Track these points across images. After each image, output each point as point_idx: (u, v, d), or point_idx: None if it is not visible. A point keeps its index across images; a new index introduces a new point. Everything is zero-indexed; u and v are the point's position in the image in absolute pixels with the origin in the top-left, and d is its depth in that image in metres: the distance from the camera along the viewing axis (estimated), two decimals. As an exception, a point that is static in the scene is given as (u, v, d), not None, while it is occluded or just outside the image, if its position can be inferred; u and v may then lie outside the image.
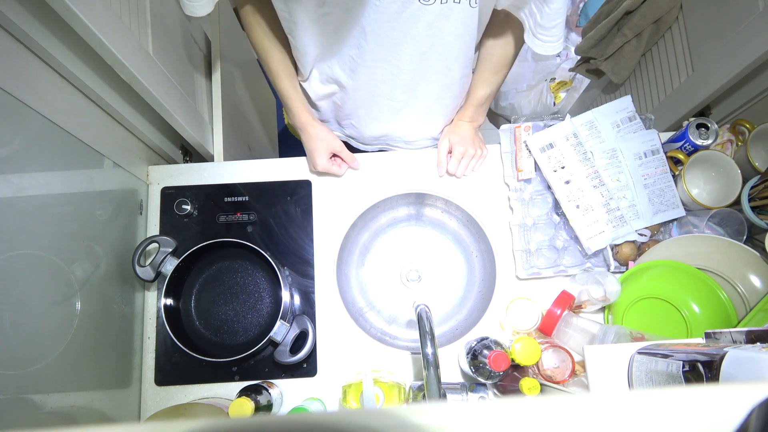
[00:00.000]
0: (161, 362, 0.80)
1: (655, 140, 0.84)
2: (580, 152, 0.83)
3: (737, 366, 0.41)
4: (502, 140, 0.89)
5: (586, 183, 0.82)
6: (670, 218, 0.83)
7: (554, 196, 0.84)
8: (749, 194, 0.76)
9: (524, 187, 0.87)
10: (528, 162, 0.86)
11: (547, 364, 0.73)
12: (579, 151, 0.83)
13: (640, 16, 1.05)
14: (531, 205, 0.86)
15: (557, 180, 0.83)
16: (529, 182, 0.87)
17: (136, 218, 0.84)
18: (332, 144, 0.85)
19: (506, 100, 1.70)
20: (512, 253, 0.85)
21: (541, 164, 0.84)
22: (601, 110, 0.86)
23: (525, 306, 0.78)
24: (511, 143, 0.88)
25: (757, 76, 0.87)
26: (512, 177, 0.87)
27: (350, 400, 0.69)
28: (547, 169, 0.83)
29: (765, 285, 0.72)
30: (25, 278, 0.57)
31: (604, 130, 0.85)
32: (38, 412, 0.57)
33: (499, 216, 0.88)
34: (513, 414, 0.24)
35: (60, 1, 0.54)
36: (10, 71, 0.55)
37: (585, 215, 0.81)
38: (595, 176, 0.82)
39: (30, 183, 0.58)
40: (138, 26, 0.75)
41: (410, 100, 0.78)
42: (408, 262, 0.93)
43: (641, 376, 0.55)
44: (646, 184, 0.83)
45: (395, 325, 0.90)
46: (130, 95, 0.78)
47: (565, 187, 0.82)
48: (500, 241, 0.87)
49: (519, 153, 0.87)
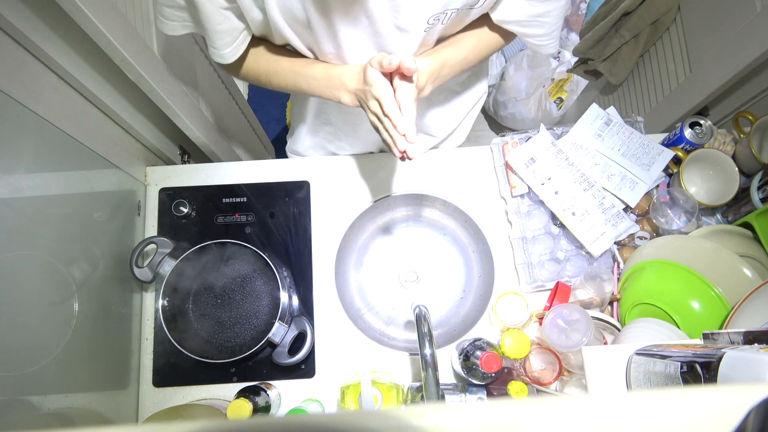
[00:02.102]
0: (159, 363, 0.80)
1: (605, 115, 0.87)
2: (562, 159, 0.83)
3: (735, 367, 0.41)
4: (494, 155, 0.89)
5: (576, 188, 0.82)
6: (665, 162, 0.84)
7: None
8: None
9: (520, 201, 0.87)
10: (518, 178, 0.86)
11: (534, 366, 0.74)
12: (561, 158, 0.83)
13: (638, 17, 1.06)
14: (528, 218, 0.86)
15: (547, 192, 0.83)
16: (523, 197, 0.87)
17: (134, 219, 0.84)
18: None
19: (506, 109, 1.70)
20: (515, 267, 0.85)
21: (528, 180, 0.84)
22: (578, 128, 0.86)
23: (514, 301, 0.78)
24: (501, 158, 0.88)
25: (754, 77, 0.87)
26: (507, 191, 0.87)
27: (348, 401, 0.69)
28: (534, 183, 0.83)
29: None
30: (22, 279, 0.57)
31: (590, 145, 0.85)
32: (36, 414, 0.57)
33: (497, 216, 0.88)
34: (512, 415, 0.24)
35: (70, 1, 0.54)
36: (7, 72, 0.55)
37: (583, 221, 0.81)
38: (582, 179, 0.82)
39: (27, 184, 0.58)
40: (143, 26, 0.75)
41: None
42: (406, 263, 0.93)
43: (639, 377, 0.55)
44: (623, 153, 0.85)
45: (393, 326, 0.90)
46: (130, 95, 0.78)
47: (557, 198, 0.82)
48: (498, 241, 0.87)
49: (508, 170, 0.87)
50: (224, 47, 0.63)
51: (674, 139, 0.87)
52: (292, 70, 0.68)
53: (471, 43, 0.68)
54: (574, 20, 1.72)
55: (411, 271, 0.92)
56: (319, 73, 0.66)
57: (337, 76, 0.64)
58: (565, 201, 0.82)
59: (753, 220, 0.75)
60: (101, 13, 0.60)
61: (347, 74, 0.64)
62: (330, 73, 0.65)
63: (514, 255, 0.85)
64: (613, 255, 0.84)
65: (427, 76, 0.64)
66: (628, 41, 1.12)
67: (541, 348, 0.73)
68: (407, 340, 0.88)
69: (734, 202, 0.82)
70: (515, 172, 0.85)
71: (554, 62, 1.64)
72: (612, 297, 0.79)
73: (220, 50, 0.63)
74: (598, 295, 0.78)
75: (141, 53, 0.70)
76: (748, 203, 0.79)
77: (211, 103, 1.02)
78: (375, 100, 0.60)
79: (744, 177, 0.83)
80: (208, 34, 0.61)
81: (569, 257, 0.83)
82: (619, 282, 0.80)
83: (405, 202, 0.93)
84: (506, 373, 0.74)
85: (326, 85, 0.66)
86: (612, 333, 0.76)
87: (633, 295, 0.76)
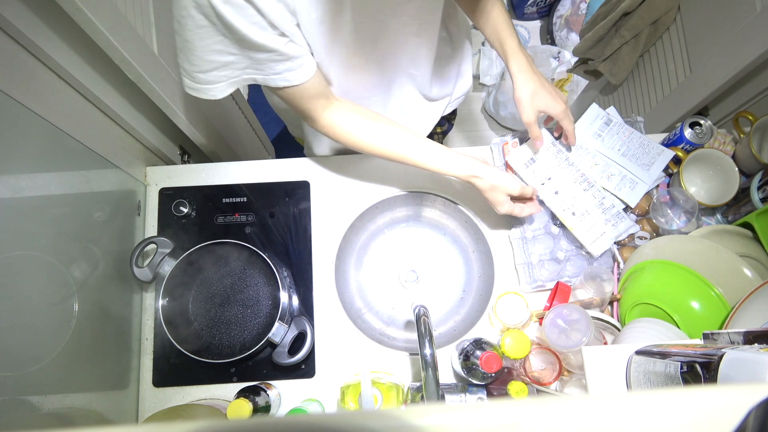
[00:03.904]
0: (159, 363, 0.80)
1: (605, 115, 0.87)
2: (562, 159, 0.83)
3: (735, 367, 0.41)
4: (494, 155, 0.89)
5: (576, 188, 0.82)
6: (665, 162, 0.84)
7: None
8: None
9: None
10: (518, 178, 0.86)
11: (534, 366, 0.74)
12: (561, 158, 0.83)
13: (638, 17, 1.06)
14: (528, 218, 0.86)
15: (547, 192, 0.83)
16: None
17: (134, 219, 0.84)
18: (508, 187, 0.74)
19: (506, 109, 1.70)
20: (515, 267, 0.85)
21: (527, 180, 0.84)
22: (578, 128, 0.86)
23: (514, 301, 0.78)
24: (501, 158, 0.88)
25: (754, 77, 0.87)
26: None
27: (348, 401, 0.69)
28: (534, 183, 0.83)
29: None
30: (22, 279, 0.57)
31: (590, 145, 0.85)
32: (36, 414, 0.57)
33: (496, 217, 0.88)
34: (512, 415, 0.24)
35: (71, 1, 0.54)
36: (7, 72, 0.55)
37: (583, 220, 0.81)
38: (582, 179, 0.82)
39: (27, 184, 0.58)
40: (143, 26, 0.75)
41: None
42: (406, 263, 0.93)
43: (639, 377, 0.55)
44: (623, 153, 0.85)
45: (393, 326, 0.90)
46: (130, 96, 0.78)
47: (557, 198, 0.82)
48: (498, 241, 0.87)
49: (508, 170, 0.87)
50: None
51: (674, 139, 0.87)
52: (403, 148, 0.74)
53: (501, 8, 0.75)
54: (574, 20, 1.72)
55: (411, 271, 0.92)
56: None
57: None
58: (565, 201, 0.82)
59: (753, 220, 0.75)
60: (101, 13, 0.60)
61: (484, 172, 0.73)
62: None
63: (514, 255, 0.85)
64: (613, 255, 0.83)
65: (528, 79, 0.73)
66: (628, 41, 1.12)
67: (541, 348, 0.73)
68: (407, 340, 0.88)
69: (734, 202, 0.82)
70: (515, 172, 0.85)
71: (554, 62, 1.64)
72: (612, 297, 0.79)
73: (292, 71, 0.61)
74: (598, 295, 0.78)
75: (141, 53, 0.70)
76: (748, 203, 0.79)
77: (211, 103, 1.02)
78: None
79: (744, 177, 0.83)
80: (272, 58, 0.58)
81: (569, 257, 0.83)
82: (619, 282, 0.80)
83: (405, 202, 0.93)
84: (506, 373, 0.74)
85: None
86: (612, 333, 0.76)
87: (633, 295, 0.76)
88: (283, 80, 0.61)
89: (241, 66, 0.59)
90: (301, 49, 0.60)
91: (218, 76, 0.59)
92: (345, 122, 0.71)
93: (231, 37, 0.54)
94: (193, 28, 0.53)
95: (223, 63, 0.57)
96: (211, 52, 0.56)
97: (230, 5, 0.50)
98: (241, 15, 0.51)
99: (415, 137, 0.74)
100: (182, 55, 0.58)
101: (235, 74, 0.60)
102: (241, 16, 0.52)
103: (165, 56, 0.80)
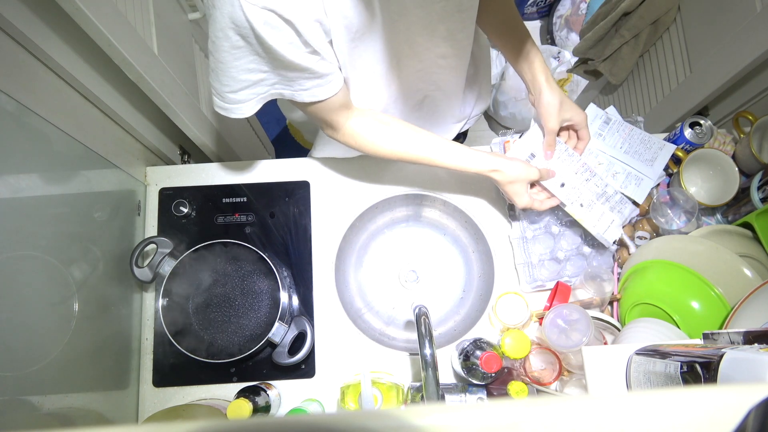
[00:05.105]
0: (159, 363, 0.80)
1: (603, 114, 0.87)
2: (561, 150, 0.82)
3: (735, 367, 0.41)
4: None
5: (579, 179, 0.81)
6: (668, 156, 0.84)
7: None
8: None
9: None
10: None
11: (534, 366, 0.74)
12: (560, 149, 0.82)
13: (638, 17, 1.06)
14: (529, 217, 0.86)
15: (553, 185, 0.82)
16: None
17: (134, 219, 0.84)
18: (529, 175, 0.75)
19: (506, 109, 1.69)
20: (515, 267, 0.85)
21: None
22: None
23: (514, 301, 0.78)
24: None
25: (754, 77, 0.87)
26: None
27: (348, 401, 0.69)
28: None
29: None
30: (22, 279, 0.57)
31: (592, 145, 0.85)
32: (36, 414, 0.57)
33: (497, 216, 0.88)
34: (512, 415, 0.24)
35: (71, 1, 0.54)
36: (7, 72, 0.55)
37: (591, 211, 0.80)
38: (584, 170, 0.81)
39: (27, 184, 0.58)
40: (143, 26, 0.75)
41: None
42: (406, 263, 0.93)
43: (639, 377, 0.55)
44: (625, 150, 0.84)
45: (393, 326, 0.90)
46: (130, 96, 0.78)
47: (563, 190, 0.82)
48: (498, 241, 0.87)
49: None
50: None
51: (674, 139, 0.87)
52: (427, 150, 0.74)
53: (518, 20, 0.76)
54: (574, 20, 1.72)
55: (411, 271, 0.92)
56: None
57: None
58: (572, 193, 0.81)
59: (753, 220, 0.75)
60: (101, 13, 0.59)
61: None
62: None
63: (514, 255, 0.85)
64: (613, 255, 0.83)
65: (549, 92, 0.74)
66: (628, 41, 1.12)
67: (541, 348, 0.73)
68: (407, 340, 0.88)
69: (734, 202, 0.82)
70: None
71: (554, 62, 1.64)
72: (612, 297, 0.79)
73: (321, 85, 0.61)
74: (598, 295, 0.78)
75: (141, 53, 0.70)
76: (748, 203, 0.79)
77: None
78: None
79: (744, 177, 0.83)
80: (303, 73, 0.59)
81: (569, 257, 0.83)
82: (619, 282, 0.80)
83: (405, 202, 0.93)
84: (506, 373, 0.74)
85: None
86: (612, 333, 0.76)
87: (633, 295, 0.76)
88: (310, 96, 0.62)
89: (271, 82, 0.59)
90: (331, 66, 0.60)
91: (248, 95, 0.60)
92: (366, 130, 0.71)
93: (265, 56, 0.54)
94: (228, 48, 0.53)
95: (254, 81, 0.58)
96: (243, 71, 0.56)
97: (270, 26, 0.50)
98: (279, 35, 0.52)
99: (433, 138, 0.74)
100: (214, 74, 0.59)
101: (264, 90, 0.60)
102: (279, 36, 0.52)
103: (165, 56, 0.80)
